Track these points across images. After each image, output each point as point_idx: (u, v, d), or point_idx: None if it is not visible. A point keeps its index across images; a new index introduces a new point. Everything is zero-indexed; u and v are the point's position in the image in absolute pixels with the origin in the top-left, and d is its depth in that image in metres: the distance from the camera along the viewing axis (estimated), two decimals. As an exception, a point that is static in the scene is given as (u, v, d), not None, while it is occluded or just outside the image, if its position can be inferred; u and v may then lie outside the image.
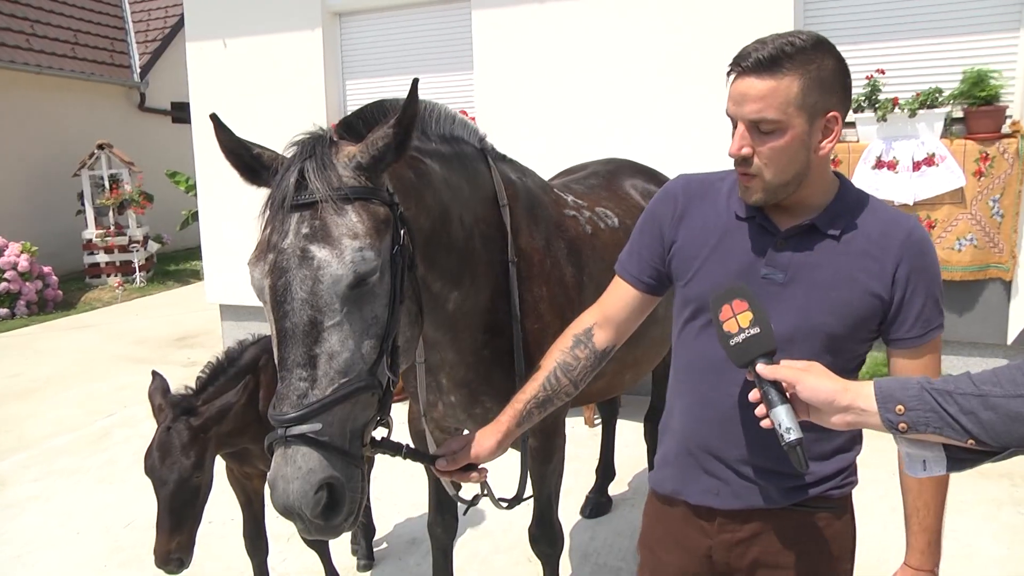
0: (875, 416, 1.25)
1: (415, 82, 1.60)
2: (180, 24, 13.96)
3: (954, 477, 4.10)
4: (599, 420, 5.21)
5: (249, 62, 6.93)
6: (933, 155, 4.87)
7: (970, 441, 1.18)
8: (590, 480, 4.31)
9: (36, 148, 12.27)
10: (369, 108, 1.88)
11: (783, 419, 1.31)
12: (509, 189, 2.34)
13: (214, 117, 1.69)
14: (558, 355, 1.80)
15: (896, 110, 4.94)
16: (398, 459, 1.73)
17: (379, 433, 1.67)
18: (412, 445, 1.72)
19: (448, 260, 2.04)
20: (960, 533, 3.71)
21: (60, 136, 12.56)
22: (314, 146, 1.62)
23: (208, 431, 2.48)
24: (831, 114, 1.47)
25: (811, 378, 1.31)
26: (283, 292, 1.53)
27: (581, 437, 5.11)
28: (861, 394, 1.27)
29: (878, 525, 3.52)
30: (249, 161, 1.72)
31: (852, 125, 5.14)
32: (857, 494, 1.71)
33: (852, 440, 1.66)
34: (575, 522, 4.05)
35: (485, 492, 2.00)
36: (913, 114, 4.90)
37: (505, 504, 2.12)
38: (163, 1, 15.18)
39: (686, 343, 1.70)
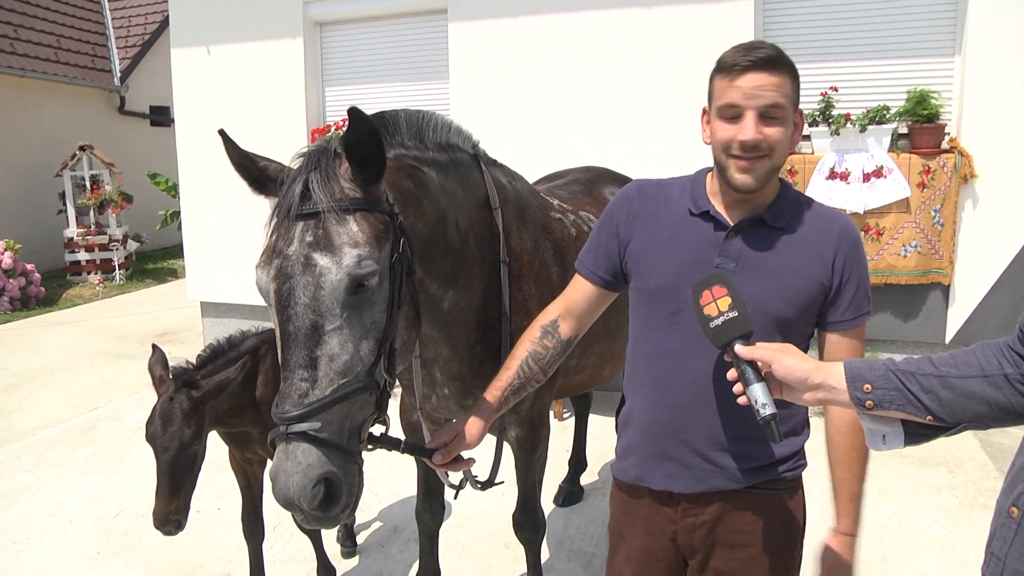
0: (844, 394, 1.32)
1: (352, 111, 1.61)
2: (159, 30, 14.14)
3: (898, 466, 4.42)
4: (568, 414, 5.45)
5: (232, 69, 7.07)
6: (881, 167, 5.18)
7: (928, 417, 1.25)
8: (561, 471, 4.47)
9: (19, 149, 12.35)
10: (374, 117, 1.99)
11: (759, 395, 1.38)
12: (501, 193, 2.41)
13: (222, 133, 1.76)
14: (528, 345, 1.90)
15: (848, 125, 5.24)
16: (378, 451, 1.80)
17: (377, 429, 1.74)
18: (404, 438, 1.84)
19: (444, 263, 2.12)
20: (904, 516, 4.00)
21: (42, 137, 12.66)
22: (319, 158, 1.67)
23: (206, 403, 2.60)
24: (798, 111, 1.65)
25: (786, 358, 1.38)
26: (287, 296, 1.59)
27: (551, 430, 5.31)
28: (832, 373, 1.34)
29: (821, 512, 3.78)
30: (256, 174, 1.79)
31: (808, 138, 5.43)
32: (808, 486, 1.83)
33: (802, 425, 1.78)
34: (549, 511, 4.19)
35: (473, 476, 2.12)
36: (863, 129, 5.20)
37: (479, 485, 2.21)
38: (143, 8, 15.25)
39: (644, 335, 1.78)
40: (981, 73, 5.02)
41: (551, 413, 5.56)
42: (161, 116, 14.92)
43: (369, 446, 1.73)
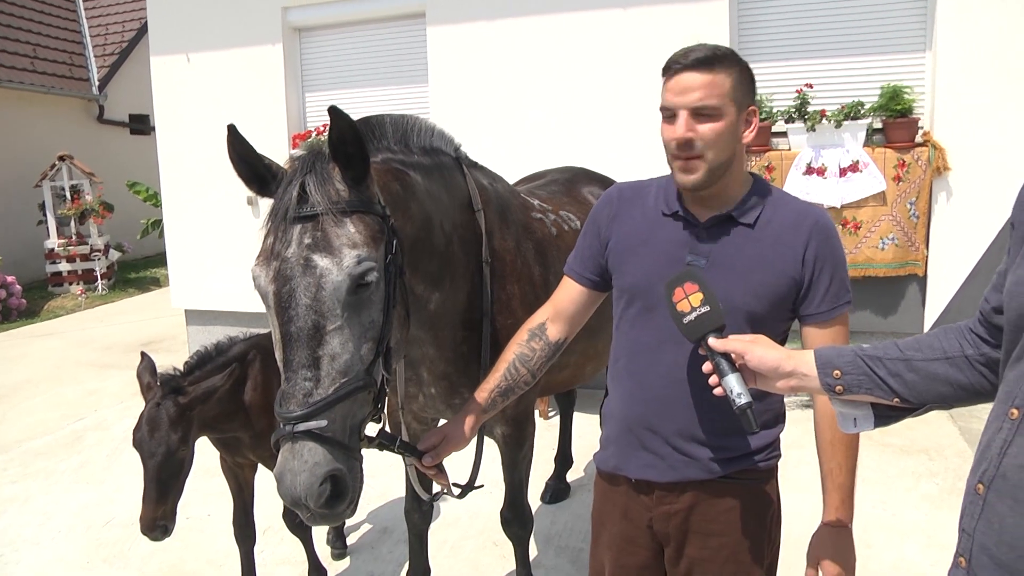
0: (815, 380, 1.35)
1: (332, 109, 1.64)
2: (137, 38, 14.05)
3: (880, 454, 4.50)
4: (553, 412, 5.50)
5: (212, 76, 7.07)
6: (857, 162, 5.26)
7: (895, 400, 1.30)
8: (547, 468, 4.52)
9: (-2, 159, 12.27)
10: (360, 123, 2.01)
11: (734, 386, 1.41)
12: (482, 195, 2.45)
13: (232, 127, 1.73)
14: (516, 348, 1.95)
15: (824, 121, 5.31)
16: (371, 452, 1.82)
17: (373, 428, 1.76)
18: (404, 440, 1.83)
19: (431, 264, 2.15)
20: (887, 504, 4.07)
21: (21, 148, 12.55)
22: (314, 162, 1.70)
23: (193, 409, 2.61)
24: (751, 108, 1.68)
25: (758, 348, 1.42)
26: (287, 298, 1.61)
27: (537, 429, 5.34)
28: (803, 361, 1.37)
29: (816, 503, 3.84)
30: (262, 171, 1.76)
31: (784, 135, 5.51)
32: (790, 475, 1.86)
33: (776, 418, 1.81)
34: (536, 508, 4.21)
35: (450, 485, 2.12)
36: (839, 125, 5.29)
37: (457, 492, 2.19)
38: (120, 16, 15.16)
39: (624, 331, 1.83)
40: (952, 68, 5.12)
41: (536, 412, 5.64)
42: (140, 124, 14.82)
43: (368, 443, 1.75)
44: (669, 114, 1.65)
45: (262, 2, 6.82)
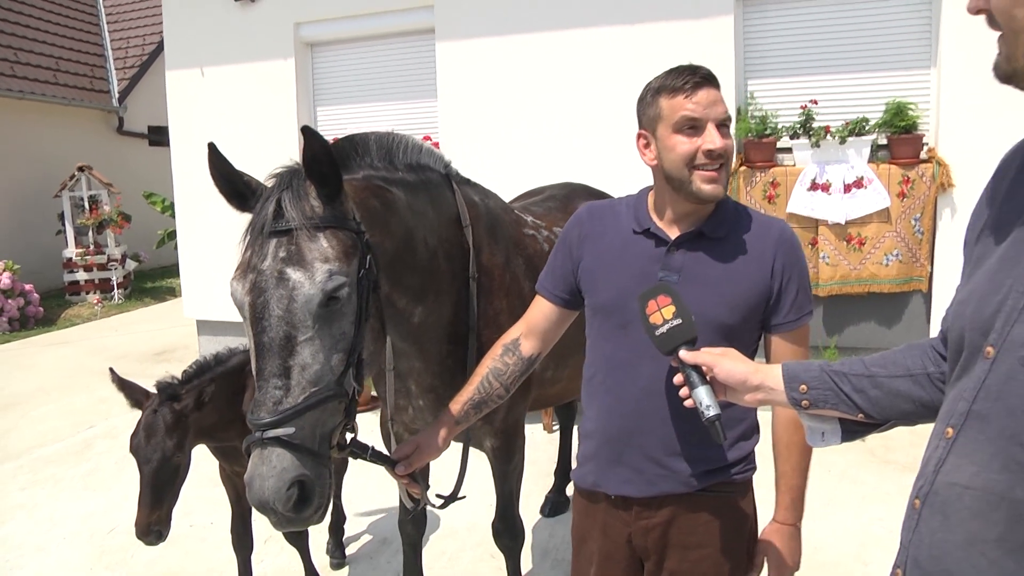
0: (782, 394, 1.37)
1: (305, 129, 1.71)
2: (157, 51, 14.22)
3: (880, 472, 4.47)
4: (557, 426, 5.51)
5: (225, 89, 7.19)
6: (862, 178, 5.27)
7: (860, 415, 1.31)
8: (549, 482, 4.54)
9: (18, 170, 12.46)
10: (339, 143, 2.05)
11: (703, 398, 1.44)
12: (472, 211, 2.47)
13: (211, 146, 1.80)
14: (490, 362, 1.99)
15: (828, 137, 5.34)
16: (372, 465, 1.88)
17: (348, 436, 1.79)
18: (376, 448, 1.88)
19: (412, 279, 2.18)
20: (886, 521, 4.02)
21: (41, 158, 12.76)
22: (291, 179, 1.76)
23: (188, 416, 2.66)
24: None
25: (727, 361, 1.44)
26: (262, 309, 1.67)
27: (540, 442, 5.38)
28: (770, 375, 1.39)
29: (809, 518, 3.83)
30: (241, 188, 1.83)
31: (789, 151, 5.53)
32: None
33: (751, 430, 1.83)
34: (536, 521, 4.26)
35: (420, 496, 2.15)
36: (843, 141, 5.30)
37: (440, 502, 2.21)
38: (141, 30, 15.40)
39: (599, 347, 1.85)
40: (956, 84, 5.12)
41: (540, 425, 5.67)
42: (159, 136, 14.98)
43: (339, 452, 1.78)
44: (691, 126, 1.68)
45: (275, 17, 6.93)
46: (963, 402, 1.07)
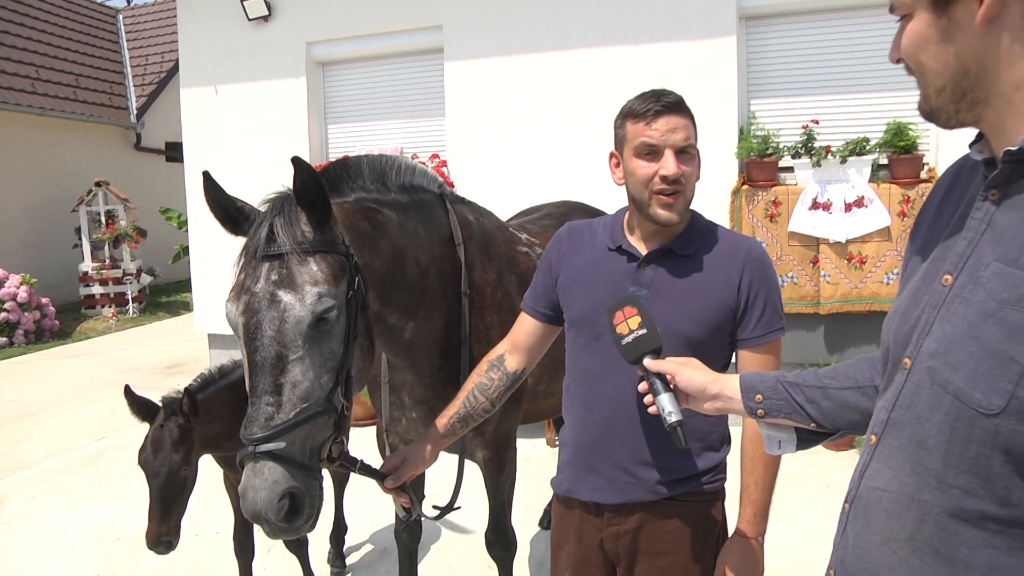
0: (739, 403, 1.43)
1: (295, 160, 1.78)
2: (175, 69, 14.43)
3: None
4: (559, 440, 5.55)
5: (238, 107, 7.32)
6: (862, 197, 5.31)
7: (812, 424, 1.36)
8: (550, 494, 4.54)
9: (37, 185, 12.71)
10: (331, 167, 2.13)
11: (666, 405, 1.49)
12: (466, 229, 2.54)
13: (206, 174, 1.88)
14: (476, 378, 2.05)
15: (829, 157, 5.38)
16: (373, 479, 1.95)
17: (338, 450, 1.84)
18: (366, 461, 1.95)
19: (402, 296, 2.24)
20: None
21: (59, 173, 13.00)
22: (283, 205, 1.83)
23: (193, 429, 2.73)
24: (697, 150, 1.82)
25: (688, 370, 1.50)
26: (254, 330, 1.74)
27: (543, 456, 5.43)
28: (728, 385, 1.45)
29: (807, 534, 3.85)
30: (235, 213, 1.90)
31: (791, 170, 5.58)
32: (788, 506, 1.93)
33: (721, 441, 1.89)
34: (534, 533, 4.31)
35: (410, 507, 2.19)
36: (844, 160, 5.34)
37: (435, 514, 2.26)
38: (159, 47, 15.70)
39: (573, 359, 1.93)
40: (956, 105, 5.14)
41: (544, 440, 5.71)
42: (176, 152, 15.12)
43: (329, 464, 1.84)
44: (649, 151, 1.76)
45: (288, 37, 7.07)
46: (884, 411, 1.14)
